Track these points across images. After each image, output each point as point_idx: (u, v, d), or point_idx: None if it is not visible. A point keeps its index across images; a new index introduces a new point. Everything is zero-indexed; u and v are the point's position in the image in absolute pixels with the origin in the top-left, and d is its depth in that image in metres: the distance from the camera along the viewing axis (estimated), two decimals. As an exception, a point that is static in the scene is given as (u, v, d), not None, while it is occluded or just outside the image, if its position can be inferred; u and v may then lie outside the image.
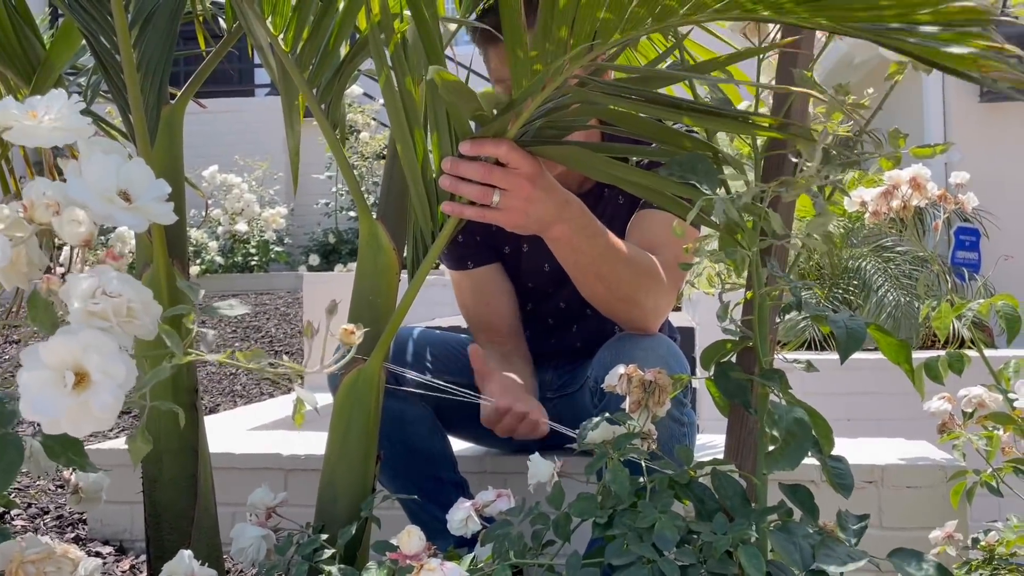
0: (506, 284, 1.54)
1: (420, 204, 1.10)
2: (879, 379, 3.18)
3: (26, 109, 0.75)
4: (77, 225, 0.68)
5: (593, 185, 1.48)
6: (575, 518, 0.92)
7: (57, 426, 0.64)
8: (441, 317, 3.84)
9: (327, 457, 1.13)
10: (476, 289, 1.53)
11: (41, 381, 0.64)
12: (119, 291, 0.66)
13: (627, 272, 1.25)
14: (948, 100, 5.19)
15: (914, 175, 1.40)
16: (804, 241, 0.95)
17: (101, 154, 0.74)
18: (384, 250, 1.16)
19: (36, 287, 0.68)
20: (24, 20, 1.22)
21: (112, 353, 0.64)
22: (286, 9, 1.13)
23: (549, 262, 1.35)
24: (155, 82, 1.11)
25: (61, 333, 0.64)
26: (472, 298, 1.54)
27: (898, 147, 1.06)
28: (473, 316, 1.55)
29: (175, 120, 1.19)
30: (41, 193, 0.71)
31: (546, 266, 1.49)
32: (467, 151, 1.03)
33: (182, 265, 1.19)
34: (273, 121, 7.37)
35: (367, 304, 1.17)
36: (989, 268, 4.28)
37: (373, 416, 1.14)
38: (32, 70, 1.23)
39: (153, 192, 0.75)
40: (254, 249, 6.62)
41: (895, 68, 1.08)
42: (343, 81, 1.15)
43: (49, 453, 0.78)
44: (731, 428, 1.04)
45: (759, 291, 0.94)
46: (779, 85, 1.06)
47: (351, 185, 1.18)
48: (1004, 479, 1.32)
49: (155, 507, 1.19)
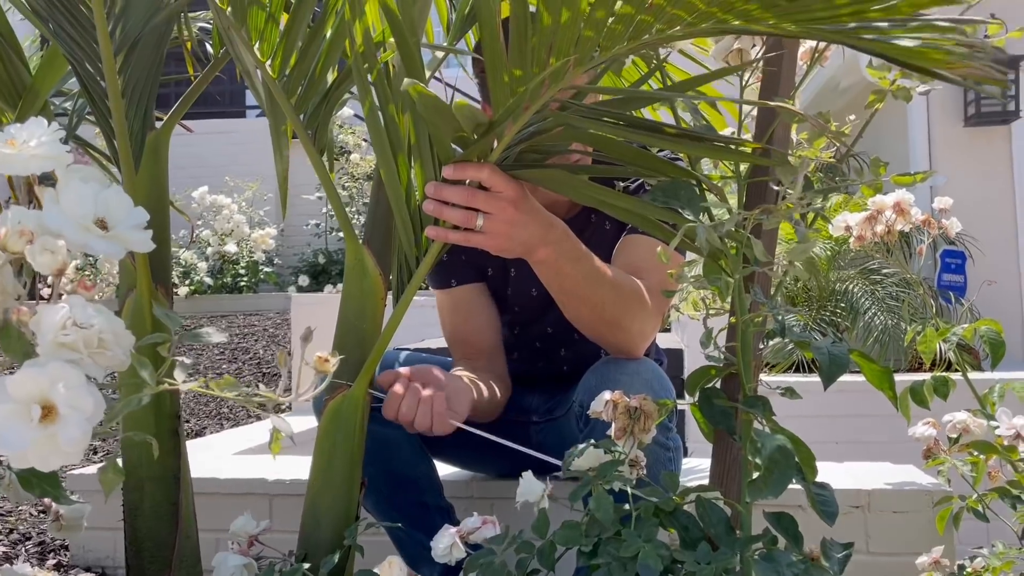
0: (488, 303, 1.54)
1: (404, 229, 1.10)
2: (865, 402, 3.19)
3: (5, 137, 0.75)
4: (50, 254, 0.67)
5: (580, 211, 1.49)
6: (560, 546, 0.91)
7: (24, 459, 0.63)
8: (430, 339, 3.83)
9: (311, 483, 1.12)
10: (457, 307, 1.53)
11: (7, 414, 0.63)
12: (90, 322, 0.65)
13: (612, 296, 1.25)
14: (932, 125, 5.25)
15: (898, 200, 1.41)
16: (786, 268, 0.95)
17: (79, 182, 0.73)
18: (369, 274, 1.16)
19: (8, 317, 0.67)
20: (10, 45, 1.22)
21: (80, 386, 0.63)
22: (273, 36, 1.13)
23: (536, 287, 1.35)
24: (140, 108, 1.11)
25: (28, 366, 0.63)
26: (452, 316, 1.54)
27: (879, 174, 1.07)
28: (452, 334, 1.55)
29: (160, 145, 1.19)
30: (16, 221, 0.70)
31: (533, 291, 1.49)
32: (450, 175, 1.03)
33: (166, 290, 1.18)
34: (263, 142, 7.32)
35: (352, 328, 1.16)
36: (974, 291, 4.31)
37: (358, 441, 1.13)
38: (17, 95, 1.22)
39: (131, 220, 0.75)
40: (243, 270, 6.61)
41: (874, 97, 1.08)
42: (330, 107, 1.16)
43: (24, 484, 0.77)
44: (716, 454, 1.04)
45: (742, 318, 0.94)
46: (760, 104, 1.07)
47: (337, 210, 1.18)
48: (990, 505, 1.32)
49: (136, 535, 1.18)
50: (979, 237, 4.84)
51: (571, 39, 0.88)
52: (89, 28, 1.03)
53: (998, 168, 5.25)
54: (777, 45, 1.08)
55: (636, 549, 0.83)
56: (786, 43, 1.08)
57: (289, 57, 1.14)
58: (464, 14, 1.36)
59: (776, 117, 1.05)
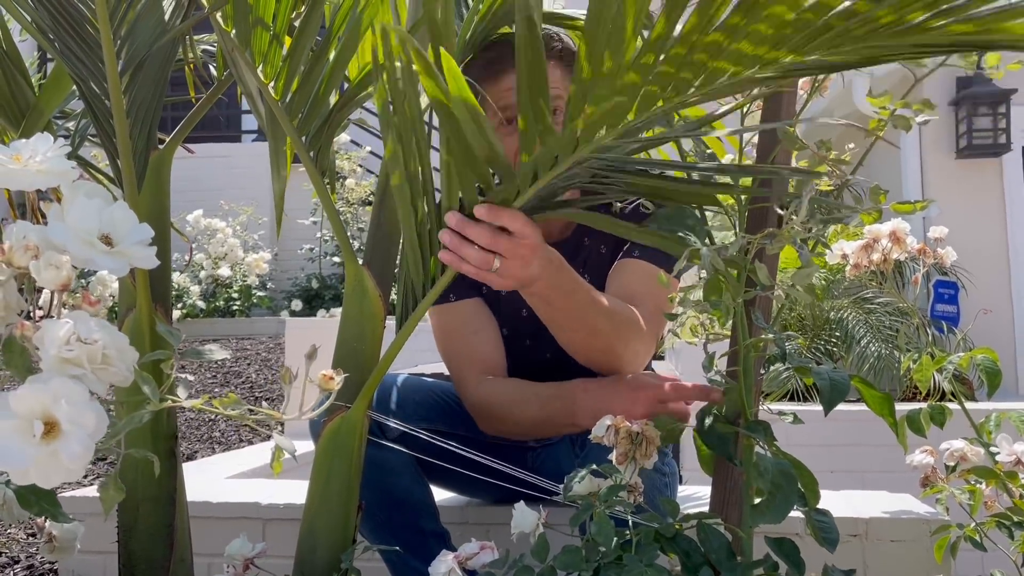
0: (491, 316, 1.46)
1: (413, 254, 1.08)
2: (861, 430, 3.19)
3: (11, 152, 0.75)
4: (55, 270, 0.67)
5: (572, 233, 1.49)
6: (560, 571, 0.90)
7: (26, 476, 0.63)
8: (423, 364, 3.81)
9: (307, 506, 1.11)
10: (464, 323, 1.44)
11: (10, 430, 0.62)
12: (94, 337, 0.65)
13: (606, 324, 1.24)
14: (925, 156, 5.31)
15: (894, 229, 1.42)
16: (788, 292, 0.95)
17: (84, 197, 0.74)
18: (369, 296, 1.16)
19: (11, 332, 0.67)
20: (14, 65, 1.22)
21: (82, 402, 0.63)
22: (277, 58, 1.14)
23: (527, 308, 1.34)
24: (144, 128, 1.12)
25: (31, 381, 0.63)
26: (457, 333, 1.44)
27: (879, 202, 1.08)
28: (456, 353, 1.44)
29: (163, 166, 1.20)
30: (21, 236, 0.70)
31: (524, 311, 1.48)
32: (483, 216, 1.00)
33: (165, 310, 1.18)
34: (260, 167, 7.40)
35: (351, 350, 1.16)
36: (967, 322, 4.32)
37: (355, 465, 1.12)
38: (21, 114, 1.23)
39: (136, 236, 0.75)
40: (236, 294, 6.59)
41: (875, 123, 1.10)
42: (332, 129, 1.16)
43: (22, 502, 0.76)
44: (716, 481, 1.04)
45: (744, 342, 0.94)
46: (762, 134, 1.08)
47: (337, 231, 1.18)
48: (987, 533, 1.31)
49: (130, 557, 1.16)
50: (971, 268, 4.88)
51: (606, 108, 0.86)
52: (95, 47, 1.04)
53: (989, 199, 5.31)
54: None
55: (638, 574, 0.82)
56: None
57: (292, 79, 1.15)
58: (465, 39, 1.37)
59: (777, 144, 1.06)
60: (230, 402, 0.66)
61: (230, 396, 0.66)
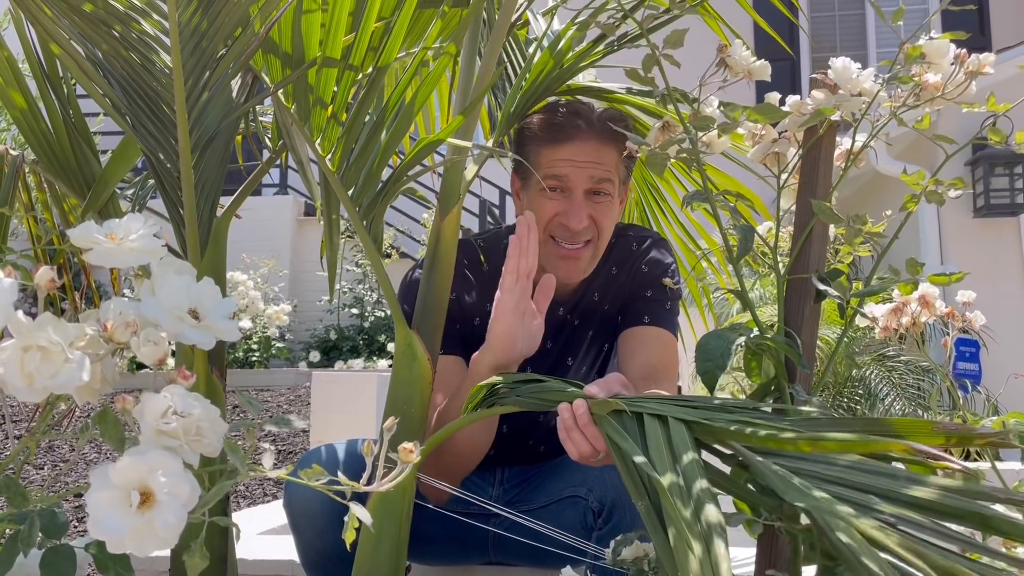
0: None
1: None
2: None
3: (105, 232, 0.80)
4: (154, 346, 0.71)
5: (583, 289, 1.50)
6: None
7: (122, 545, 0.66)
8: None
9: (357, 567, 1.14)
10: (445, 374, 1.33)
11: (108, 501, 0.65)
12: (190, 411, 0.68)
13: None
14: (943, 215, 5.35)
15: (923, 293, 1.46)
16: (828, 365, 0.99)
17: (174, 275, 0.78)
18: (419, 360, 1.19)
19: (108, 404, 0.71)
20: (82, 136, 1.29)
21: (178, 473, 0.66)
22: (334, 133, 1.20)
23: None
24: (209, 199, 1.17)
25: (130, 454, 0.66)
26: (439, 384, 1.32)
27: (916, 273, 1.13)
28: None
29: (220, 232, 1.25)
30: (118, 313, 0.74)
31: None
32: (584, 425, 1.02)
33: (221, 373, 1.22)
34: (280, 220, 7.50)
35: (400, 413, 1.18)
36: (992, 383, 4.30)
37: (404, 527, 1.15)
38: (86, 183, 1.29)
39: (220, 310, 0.79)
40: (256, 344, 6.64)
41: (909, 200, 1.14)
42: (386, 201, 1.21)
43: (99, 566, 0.79)
44: (761, 545, 1.05)
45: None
46: (799, 207, 1.12)
47: (389, 298, 1.22)
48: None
49: (180, 616, 1.18)
50: (990, 326, 4.88)
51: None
52: (169, 126, 1.10)
53: (1007, 257, 5.33)
54: (815, 146, 1.14)
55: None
56: (823, 143, 1.14)
57: (349, 153, 1.20)
58: (509, 111, 1.43)
59: (814, 216, 1.11)
60: (315, 473, 0.70)
61: (315, 468, 0.69)
